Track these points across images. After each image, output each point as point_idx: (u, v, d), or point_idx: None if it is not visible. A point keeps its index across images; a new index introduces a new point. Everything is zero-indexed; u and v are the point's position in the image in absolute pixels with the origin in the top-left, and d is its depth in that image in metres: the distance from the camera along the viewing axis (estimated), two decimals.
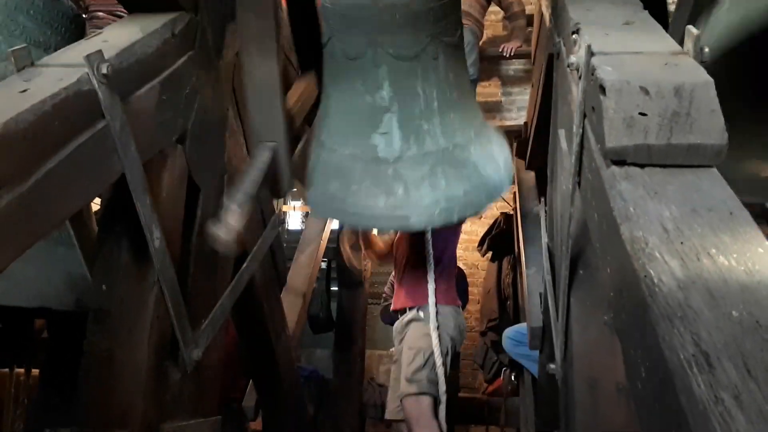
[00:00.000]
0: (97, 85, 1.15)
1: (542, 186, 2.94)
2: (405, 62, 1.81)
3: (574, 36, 1.19)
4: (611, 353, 1.22)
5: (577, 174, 1.08)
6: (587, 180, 1.00)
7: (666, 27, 1.42)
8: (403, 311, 2.84)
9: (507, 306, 3.70)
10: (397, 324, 2.87)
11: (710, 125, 0.82)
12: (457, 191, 1.85)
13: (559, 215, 1.43)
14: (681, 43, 1.12)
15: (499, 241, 3.89)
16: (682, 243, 0.67)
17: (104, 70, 1.15)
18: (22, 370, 2.38)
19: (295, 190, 1.98)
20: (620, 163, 0.84)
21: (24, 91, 1.07)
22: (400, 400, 2.66)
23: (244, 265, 1.79)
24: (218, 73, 1.71)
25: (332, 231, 3.91)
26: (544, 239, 1.78)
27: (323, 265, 4.05)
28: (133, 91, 1.29)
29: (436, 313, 2.67)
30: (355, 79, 1.86)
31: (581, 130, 1.03)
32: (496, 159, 1.95)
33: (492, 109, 4.77)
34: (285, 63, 1.86)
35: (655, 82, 0.87)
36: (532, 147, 2.58)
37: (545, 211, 1.93)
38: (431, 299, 2.62)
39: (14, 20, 1.68)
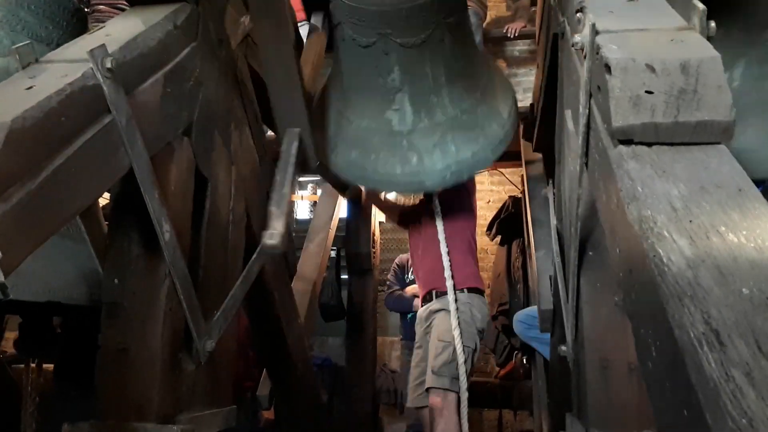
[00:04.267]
0: (101, 80, 1.15)
1: (550, 168, 2.93)
2: (413, 49, 1.95)
3: (578, 15, 1.17)
4: (622, 334, 1.22)
5: (584, 155, 1.07)
6: (594, 160, 0.99)
7: None
8: (427, 297, 2.83)
9: (517, 289, 3.70)
10: (422, 311, 2.85)
11: (717, 101, 0.82)
12: (466, 154, 2.16)
13: (568, 197, 1.42)
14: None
15: (508, 224, 3.88)
16: (690, 221, 0.67)
17: (108, 65, 1.15)
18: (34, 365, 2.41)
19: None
20: (627, 142, 0.84)
21: (30, 88, 1.07)
22: (425, 390, 2.67)
23: (255, 255, 1.80)
24: (221, 63, 1.70)
25: (341, 220, 3.92)
26: (553, 221, 1.78)
27: (333, 253, 4.06)
28: (137, 84, 1.29)
29: (464, 302, 2.69)
30: (368, 64, 2.03)
31: (587, 110, 1.02)
32: (501, 112, 2.27)
33: None
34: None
35: (660, 58, 0.86)
36: (539, 129, 2.56)
37: (554, 194, 1.92)
38: (450, 294, 2.61)
39: (16, 15, 1.69)
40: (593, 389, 1.23)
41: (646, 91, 0.84)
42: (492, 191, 4.97)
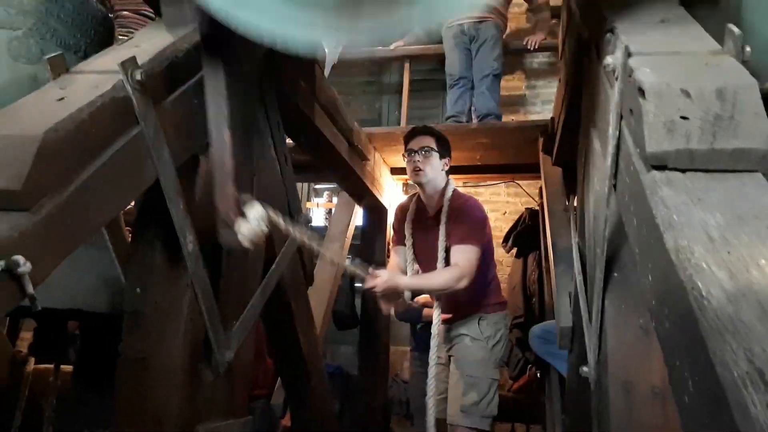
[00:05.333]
0: (131, 92, 1.16)
1: (569, 183, 2.91)
2: None
3: (608, 35, 1.17)
4: (646, 357, 1.20)
5: (613, 176, 1.06)
6: (624, 183, 0.98)
7: None
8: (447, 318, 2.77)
9: (532, 303, 3.67)
10: (441, 330, 2.74)
11: (755, 129, 0.80)
12: None
13: (593, 216, 1.41)
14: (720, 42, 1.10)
15: (525, 237, 3.86)
16: (729, 253, 0.66)
17: (138, 77, 1.17)
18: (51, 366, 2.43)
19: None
20: (661, 167, 0.83)
21: (61, 99, 1.08)
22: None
23: (274, 265, 1.80)
24: (244, 75, 1.71)
25: (356, 228, 3.92)
26: (575, 239, 1.76)
27: (348, 262, 4.06)
28: (165, 96, 1.30)
29: (491, 324, 2.65)
30: None
31: (618, 132, 1.01)
32: None
33: (516, 102, 4.74)
34: None
35: (696, 84, 0.85)
36: (559, 143, 2.55)
37: (575, 210, 1.90)
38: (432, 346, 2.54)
39: (45, 24, 1.71)
40: (616, 412, 1.22)
41: (681, 117, 0.83)
42: (508, 203, 4.95)
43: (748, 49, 0.93)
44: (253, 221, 1.39)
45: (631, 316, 1.22)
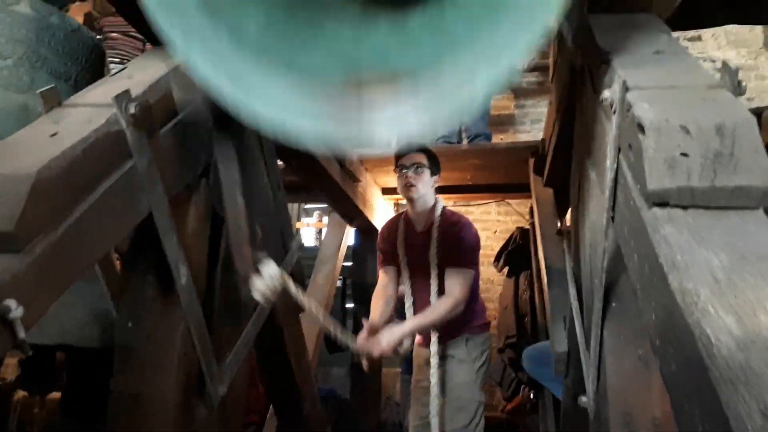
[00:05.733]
0: (125, 126, 1.15)
1: (561, 204, 2.92)
2: None
3: (603, 66, 1.18)
4: (646, 388, 1.20)
5: (611, 209, 1.06)
6: (623, 216, 0.98)
7: None
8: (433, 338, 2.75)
9: (525, 323, 3.66)
10: (426, 353, 2.73)
11: (754, 165, 0.81)
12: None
13: (588, 243, 1.41)
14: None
15: (516, 256, 3.86)
16: (735, 296, 0.65)
17: (132, 110, 1.15)
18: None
19: None
20: (662, 204, 0.83)
21: (54, 134, 1.07)
22: None
23: None
24: None
25: (348, 247, 3.90)
26: (569, 264, 1.76)
27: (338, 282, 4.04)
28: (159, 128, 1.29)
29: (477, 346, 2.64)
30: None
31: (615, 165, 1.02)
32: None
33: (505, 122, 4.77)
34: None
35: (695, 120, 0.85)
36: (550, 165, 2.56)
37: (568, 234, 1.91)
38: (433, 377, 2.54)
39: (36, 52, 1.69)
40: None
41: (682, 153, 0.83)
42: (499, 222, 4.96)
43: (744, 83, 0.93)
44: (267, 279, 1.56)
45: (630, 346, 1.21)
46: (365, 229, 3.80)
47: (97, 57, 1.88)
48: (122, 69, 1.40)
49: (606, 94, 1.00)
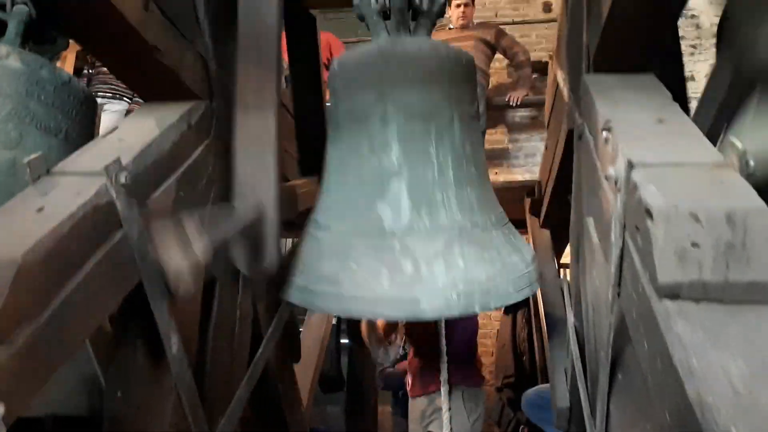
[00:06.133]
0: (115, 196, 1.11)
1: (558, 244, 2.91)
2: (418, 122, 1.64)
3: (605, 134, 1.16)
4: None
5: (617, 285, 1.03)
6: (631, 298, 0.95)
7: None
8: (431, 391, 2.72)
9: (523, 361, 3.62)
10: (421, 404, 2.72)
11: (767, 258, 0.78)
12: (479, 274, 1.55)
13: (591, 306, 1.38)
14: (712, 140, 1.10)
15: None
16: (758, 411, 0.62)
17: (122, 180, 1.12)
18: None
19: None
20: (673, 296, 0.80)
21: (41, 210, 1.03)
22: None
23: (260, 350, 1.74)
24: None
25: None
26: (571, 319, 1.73)
27: (333, 320, 3.98)
28: (150, 193, 1.26)
29: (472, 398, 2.60)
30: (361, 142, 1.65)
31: (621, 241, 0.99)
32: (521, 250, 1.71)
33: (499, 156, 4.76)
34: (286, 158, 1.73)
35: (704, 206, 0.83)
36: (547, 208, 2.54)
37: (568, 286, 1.87)
38: (445, 409, 2.50)
39: (26, 107, 1.66)
40: None
41: (692, 243, 0.80)
42: None
43: (752, 162, 0.91)
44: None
45: (637, 421, 1.17)
46: None
47: (88, 109, 1.84)
48: (113, 130, 1.37)
49: (611, 172, 0.97)
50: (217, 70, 1.59)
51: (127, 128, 1.37)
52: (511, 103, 4.36)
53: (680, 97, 1.40)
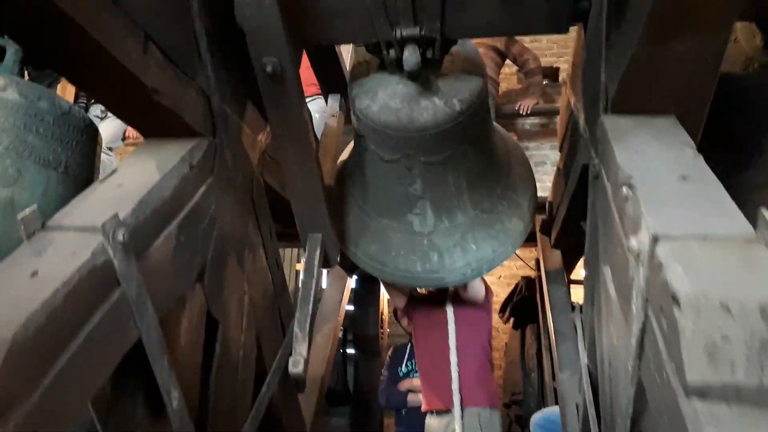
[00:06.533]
0: (112, 254, 1.07)
1: (568, 265, 2.85)
2: (437, 165, 1.96)
3: (625, 190, 1.10)
4: None
5: (638, 357, 0.98)
6: (653, 380, 0.90)
7: None
8: (439, 410, 2.66)
9: (531, 378, 3.57)
10: (435, 424, 2.65)
11: None
12: (486, 251, 2.16)
13: (608, 362, 1.33)
14: None
15: (522, 308, 3.77)
16: None
17: (120, 238, 1.07)
18: None
19: None
20: (702, 394, 0.74)
21: (35, 274, 0.99)
22: None
23: (264, 389, 1.69)
24: (237, 191, 1.63)
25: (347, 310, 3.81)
26: (584, 360, 1.68)
27: (339, 333, 3.94)
28: (149, 244, 1.21)
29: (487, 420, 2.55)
30: (390, 175, 2.01)
31: (643, 316, 0.93)
32: (520, 204, 2.24)
33: None
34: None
35: (736, 296, 0.77)
36: (558, 232, 2.49)
37: (581, 323, 1.82)
38: (456, 412, 2.48)
39: (23, 141, 1.62)
40: None
41: (723, 337, 0.75)
42: (503, 266, 4.85)
43: None
44: None
45: None
46: (366, 278, 3.72)
47: (88, 138, 1.80)
48: (113, 173, 1.32)
49: (633, 244, 0.92)
50: (219, 103, 1.54)
51: (127, 172, 1.32)
52: (521, 112, 4.29)
53: (702, 138, 1.35)
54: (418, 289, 3.14)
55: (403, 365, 3.49)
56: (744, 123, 1.65)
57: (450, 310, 2.73)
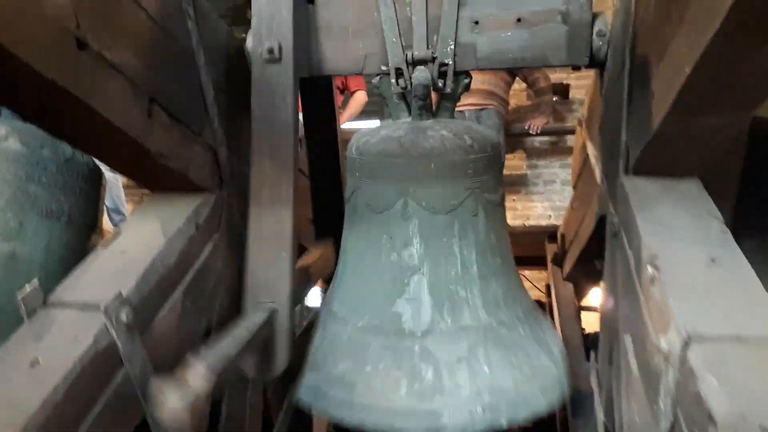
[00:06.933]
0: (116, 336, 1.03)
1: (579, 293, 2.80)
2: (440, 216, 1.53)
3: (651, 270, 1.05)
4: None
5: None
6: None
7: None
8: None
9: None
10: None
11: None
12: (506, 382, 1.44)
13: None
14: None
15: None
16: None
17: (123, 318, 1.04)
18: None
19: None
20: None
21: (35, 364, 0.95)
22: None
23: None
24: (242, 246, 1.59)
25: None
26: (600, 416, 1.63)
27: None
28: (154, 314, 1.17)
29: None
30: (380, 235, 1.56)
31: (672, 418, 0.89)
32: (549, 345, 1.59)
33: (517, 182, 4.64)
34: (300, 221, 1.60)
35: None
36: (570, 268, 2.44)
37: (597, 378, 1.77)
38: None
39: (25, 192, 1.58)
40: None
41: None
42: None
43: None
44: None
45: None
46: None
47: (92, 183, 1.77)
48: (116, 237, 1.28)
49: (663, 345, 0.87)
50: (226, 156, 1.50)
51: (131, 235, 1.28)
52: (531, 131, 4.24)
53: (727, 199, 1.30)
54: None
55: None
56: None
57: None
